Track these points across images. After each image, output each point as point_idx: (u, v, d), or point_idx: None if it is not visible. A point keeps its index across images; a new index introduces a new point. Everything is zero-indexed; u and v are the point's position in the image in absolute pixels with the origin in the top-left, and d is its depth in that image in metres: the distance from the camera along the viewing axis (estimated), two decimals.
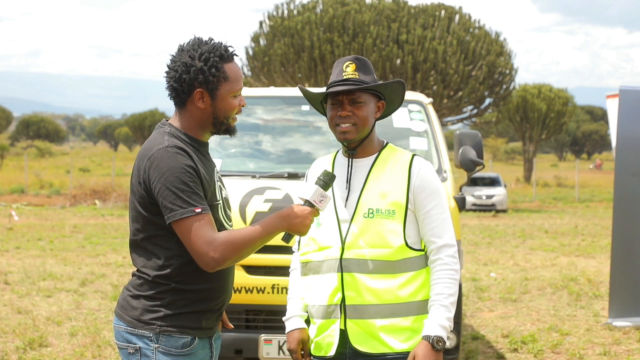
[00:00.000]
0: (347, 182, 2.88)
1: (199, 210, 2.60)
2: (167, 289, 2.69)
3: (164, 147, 2.65)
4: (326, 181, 2.75)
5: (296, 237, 3.02)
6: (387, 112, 2.98)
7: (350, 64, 2.86)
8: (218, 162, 5.24)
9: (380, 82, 2.87)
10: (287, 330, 3.00)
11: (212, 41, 2.78)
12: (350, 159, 2.90)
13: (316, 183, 2.75)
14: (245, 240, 2.62)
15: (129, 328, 2.70)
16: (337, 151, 3.01)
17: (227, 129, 2.80)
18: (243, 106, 2.81)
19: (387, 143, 2.96)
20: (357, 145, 2.89)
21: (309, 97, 2.99)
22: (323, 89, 2.96)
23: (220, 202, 2.77)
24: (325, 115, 2.99)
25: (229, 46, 2.79)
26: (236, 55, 2.81)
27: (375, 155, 2.91)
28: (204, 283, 2.72)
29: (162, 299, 2.69)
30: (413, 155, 2.89)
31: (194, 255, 2.61)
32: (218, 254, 2.58)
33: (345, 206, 2.85)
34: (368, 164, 2.89)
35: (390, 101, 2.95)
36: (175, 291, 2.69)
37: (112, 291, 9.53)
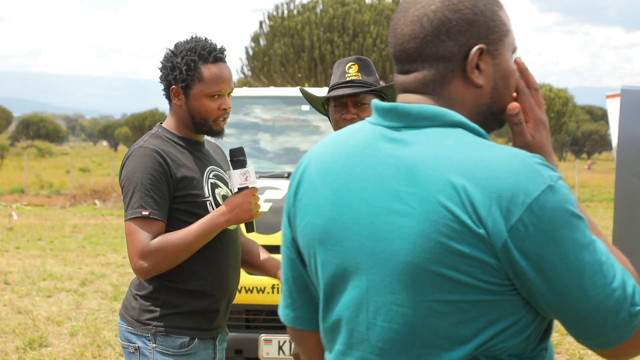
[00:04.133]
0: None
1: (146, 213, 2.58)
2: (160, 286, 2.69)
3: (137, 148, 2.69)
4: (238, 159, 2.75)
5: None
6: None
7: (352, 64, 2.83)
8: None
9: (385, 84, 2.85)
10: None
11: (205, 40, 2.78)
12: None
13: (233, 168, 2.75)
14: (178, 246, 2.58)
15: (129, 328, 2.72)
16: None
17: (209, 131, 2.77)
18: (225, 109, 2.75)
19: None
20: None
21: (310, 99, 2.98)
22: (324, 90, 2.94)
23: (211, 199, 2.73)
24: (325, 115, 2.98)
25: (219, 48, 2.77)
26: (221, 57, 2.77)
27: None
28: (195, 281, 2.70)
29: (157, 298, 2.69)
30: None
31: (129, 260, 2.61)
32: (148, 263, 2.57)
33: None
34: None
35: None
36: (168, 289, 2.69)
37: (112, 291, 9.53)
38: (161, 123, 2.85)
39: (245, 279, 4.76)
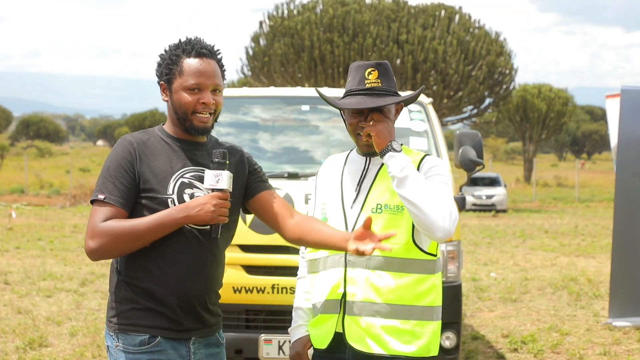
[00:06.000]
0: (357, 179, 2.87)
1: (101, 197, 2.63)
2: (119, 282, 2.71)
3: (120, 138, 2.78)
4: (218, 161, 2.69)
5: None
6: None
7: (372, 70, 2.81)
8: None
9: (407, 96, 2.87)
10: (294, 338, 2.98)
11: (195, 39, 2.78)
12: (368, 158, 2.88)
13: (210, 169, 2.69)
14: (126, 231, 2.59)
15: (105, 326, 2.76)
16: (351, 150, 2.99)
17: (190, 127, 2.73)
18: (205, 104, 2.70)
19: (401, 145, 2.94)
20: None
21: (327, 102, 2.97)
22: (338, 91, 2.94)
23: (174, 196, 2.68)
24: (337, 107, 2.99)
25: (206, 45, 2.75)
26: (205, 53, 2.73)
27: None
28: (149, 280, 2.67)
29: (117, 294, 2.71)
30: (425, 155, 2.88)
31: None
32: (95, 243, 2.60)
33: (353, 203, 2.83)
34: (379, 162, 2.87)
35: (406, 102, 2.98)
36: (126, 285, 2.70)
37: None
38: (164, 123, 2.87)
39: (245, 279, 4.76)
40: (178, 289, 2.68)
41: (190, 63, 2.71)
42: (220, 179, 2.65)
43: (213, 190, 2.65)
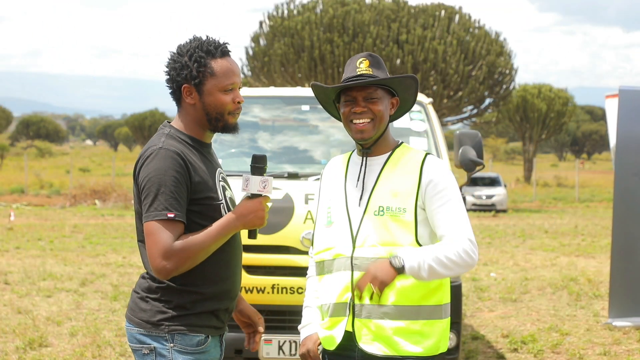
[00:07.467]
0: (358, 180, 2.87)
1: (171, 215, 2.58)
2: (171, 290, 2.69)
3: (158, 148, 2.66)
4: (260, 166, 2.73)
5: (304, 234, 3.01)
6: (400, 112, 2.96)
7: (363, 60, 2.85)
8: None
9: (394, 76, 2.85)
10: (304, 336, 2.98)
11: (207, 38, 2.78)
12: (364, 158, 2.88)
13: (252, 173, 2.73)
14: (199, 246, 2.61)
15: (140, 330, 2.70)
16: (353, 151, 3.00)
17: (224, 126, 2.78)
18: (240, 102, 2.78)
19: (401, 142, 2.94)
20: (372, 144, 2.87)
21: (321, 96, 2.98)
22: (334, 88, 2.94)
23: (223, 202, 2.76)
24: (336, 117, 2.99)
25: (224, 43, 2.78)
26: (228, 51, 2.79)
27: (388, 153, 2.88)
28: (208, 285, 2.71)
29: (170, 301, 2.69)
30: (426, 154, 2.87)
31: (149, 260, 2.61)
32: (171, 264, 2.58)
33: (358, 205, 2.84)
34: (381, 162, 2.87)
35: (403, 100, 2.93)
36: (180, 292, 2.69)
37: (112, 291, 9.53)
38: (169, 122, 2.83)
39: (246, 279, 4.76)
40: (232, 289, 2.81)
41: (221, 63, 2.74)
42: (267, 185, 2.71)
43: (253, 195, 2.70)
